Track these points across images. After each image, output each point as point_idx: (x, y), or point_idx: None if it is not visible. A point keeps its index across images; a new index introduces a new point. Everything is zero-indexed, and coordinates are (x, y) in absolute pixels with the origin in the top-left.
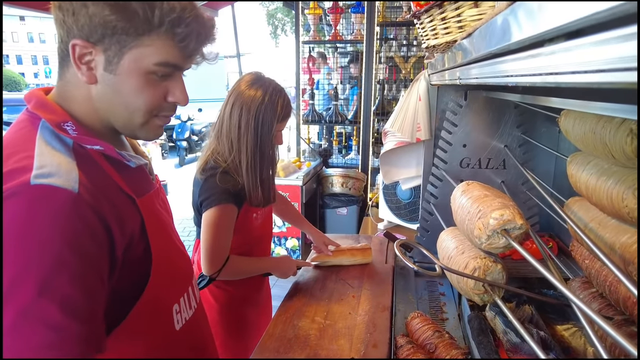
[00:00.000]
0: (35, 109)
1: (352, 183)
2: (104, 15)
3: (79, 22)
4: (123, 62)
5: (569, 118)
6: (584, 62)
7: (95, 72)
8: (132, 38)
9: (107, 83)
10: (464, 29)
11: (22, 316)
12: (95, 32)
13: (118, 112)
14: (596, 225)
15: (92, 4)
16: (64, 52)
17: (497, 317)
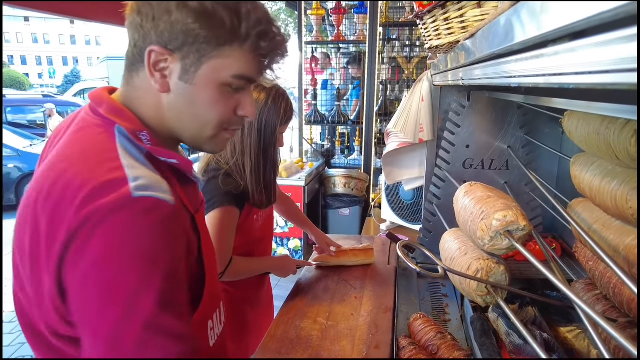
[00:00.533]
0: (110, 114)
1: (355, 184)
2: (187, 23)
3: (158, 28)
4: (200, 72)
5: (573, 119)
6: (588, 63)
7: (169, 81)
8: (213, 48)
9: (181, 92)
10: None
11: (148, 329)
12: (176, 39)
13: (188, 123)
14: (600, 226)
15: (176, 10)
16: (136, 57)
17: (500, 318)
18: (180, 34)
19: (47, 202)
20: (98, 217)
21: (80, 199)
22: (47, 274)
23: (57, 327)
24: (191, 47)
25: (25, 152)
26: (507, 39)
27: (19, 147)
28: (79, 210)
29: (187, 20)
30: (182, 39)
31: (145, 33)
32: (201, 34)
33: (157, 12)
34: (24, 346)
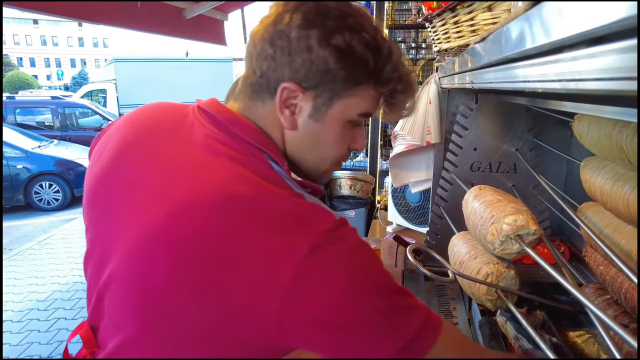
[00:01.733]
0: (260, 144)
1: (361, 185)
2: (329, 62)
3: (294, 64)
4: (330, 111)
5: (583, 122)
6: (609, 69)
7: (298, 118)
8: (348, 87)
9: (308, 130)
10: (477, 33)
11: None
12: (313, 78)
13: (309, 158)
14: (611, 231)
15: (318, 48)
16: (262, 87)
17: (509, 322)
18: (319, 73)
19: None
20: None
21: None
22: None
23: None
24: (326, 86)
25: (33, 153)
26: (521, 43)
27: (27, 148)
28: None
29: (329, 60)
30: (320, 78)
31: (277, 65)
32: (340, 74)
33: (295, 47)
34: (32, 345)
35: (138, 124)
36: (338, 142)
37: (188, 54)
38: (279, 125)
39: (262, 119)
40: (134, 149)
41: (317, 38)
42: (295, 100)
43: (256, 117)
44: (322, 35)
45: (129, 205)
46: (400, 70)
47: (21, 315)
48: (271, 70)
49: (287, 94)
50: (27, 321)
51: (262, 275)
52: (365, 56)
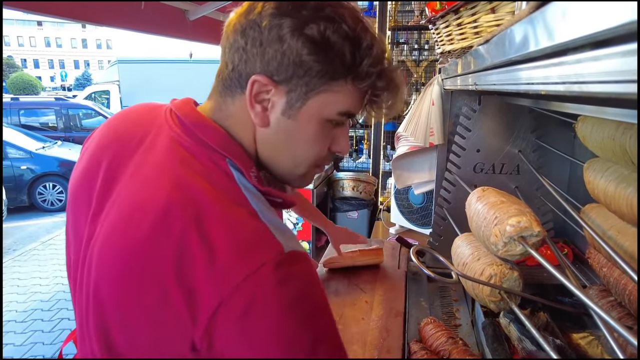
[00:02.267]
0: (221, 148)
1: (363, 187)
2: (302, 54)
3: (265, 55)
4: (305, 107)
5: (587, 124)
6: (613, 72)
7: (270, 114)
8: (324, 82)
9: (281, 128)
10: (481, 35)
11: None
12: (285, 71)
13: (283, 160)
14: (615, 232)
15: (290, 38)
16: (233, 81)
17: (512, 324)
18: (291, 65)
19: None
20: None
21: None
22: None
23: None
24: (300, 80)
25: (37, 153)
26: (525, 45)
27: (31, 149)
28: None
29: (302, 51)
30: (292, 70)
31: (247, 58)
32: (314, 67)
33: (266, 37)
34: (35, 346)
35: (117, 127)
36: (315, 142)
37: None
38: (251, 124)
39: (231, 117)
40: (107, 153)
41: (289, 27)
42: (267, 95)
43: (225, 115)
44: (294, 24)
45: (99, 210)
46: (381, 65)
47: (25, 315)
48: (242, 62)
49: (258, 88)
50: (31, 321)
51: (185, 304)
52: (342, 48)
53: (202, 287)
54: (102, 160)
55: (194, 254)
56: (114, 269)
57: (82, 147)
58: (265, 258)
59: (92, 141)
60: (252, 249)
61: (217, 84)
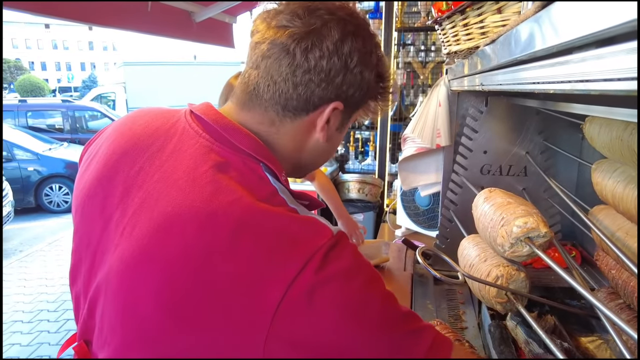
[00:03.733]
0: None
1: (369, 189)
2: (371, 82)
3: (345, 84)
4: (349, 122)
5: (594, 125)
6: (617, 70)
7: (330, 130)
8: (366, 101)
9: (332, 138)
10: (487, 35)
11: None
12: (355, 96)
13: (319, 162)
14: (623, 234)
15: (368, 72)
16: (299, 103)
17: (519, 326)
18: (362, 92)
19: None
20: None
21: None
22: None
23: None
24: (358, 103)
25: (44, 155)
26: (530, 45)
27: (38, 151)
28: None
29: (373, 83)
30: (361, 97)
31: (328, 85)
32: (371, 93)
33: (350, 71)
34: (42, 346)
35: (128, 133)
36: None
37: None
38: (300, 138)
39: (281, 133)
40: (124, 160)
41: (370, 66)
42: (331, 116)
43: (273, 129)
44: (374, 63)
45: (118, 217)
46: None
47: (31, 316)
48: (320, 88)
49: (332, 113)
50: (37, 322)
51: (249, 300)
52: (387, 77)
53: (264, 282)
54: (120, 167)
55: (247, 252)
56: (158, 279)
57: (83, 152)
58: (320, 243)
59: (101, 148)
60: (304, 239)
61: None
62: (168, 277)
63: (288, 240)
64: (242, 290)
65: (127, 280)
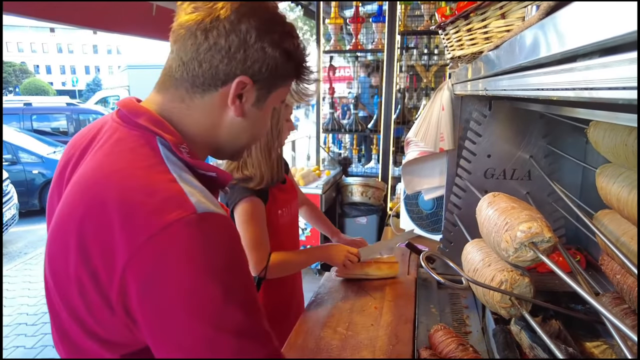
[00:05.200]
0: (150, 124)
1: (372, 192)
2: (278, 61)
3: (248, 60)
4: (268, 100)
5: (599, 129)
6: (622, 79)
7: (245, 106)
8: (283, 80)
9: (250, 116)
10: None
11: (241, 337)
12: (262, 72)
13: (243, 140)
14: (628, 239)
15: (271, 49)
16: (206, 79)
17: (523, 331)
18: (269, 69)
19: (98, 224)
20: (170, 235)
21: (144, 216)
22: (100, 294)
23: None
24: (270, 80)
25: (49, 158)
26: (535, 51)
27: (43, 154)
28: (144, 228)
29: (280, 59)
30: (269, 73)
31: (230, 60)
32: (285, 71)
33: (251, 45)
34: (46, 349)
35: (73, 140)
36: (266, 126)
37: None
38: (214, 114)
39: (193, 107)
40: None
41: (271, 42)
42: (242, 91)
43: (184, 105)
44: (274, 40)
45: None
46: (308, 62)
47: (35, 318)
48: (223, 63)
49: (240, 87)
50: (42, 324)
51: (101, 262)
52: (300, 56)
53: (117, 247)
54: (67, 167)
55: (112, 217)
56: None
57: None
58: (175, 217)
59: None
60: (163, 209)
61: (177, 79)
62: (51, 237)
63: (150, 208)
64: (100, 252)
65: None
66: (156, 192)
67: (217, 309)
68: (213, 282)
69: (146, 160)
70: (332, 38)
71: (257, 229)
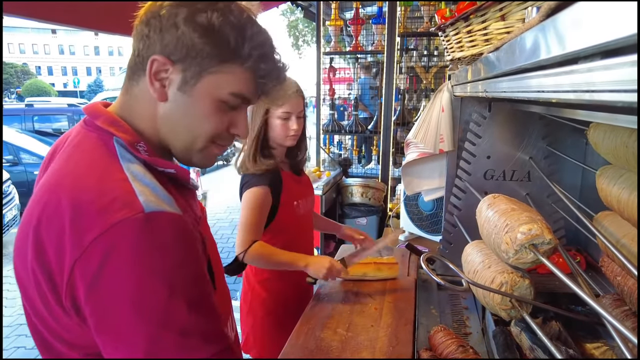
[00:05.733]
0: (107, 125)
1: (372, 193)
2: (193, 37)
3: (164, 40)
4: (199, 85)
5: (599, 131)
6: (624, 81)
7: (168, 90)
8: (215, 63)
9: (178, 102)
10: (491, 42)
11: (185, 335)
12: (179, 51)
13: (181, 134)
14: (629, 240)
15: (183, 24)
16: (137, 66)
17: (523, 332)
18: (185, 47)
19: (52, 223)
20: (115, 234)
21: (92, 215)
22: (54, 293)
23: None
24: (193, 61)
25: None
26: (535, 54)
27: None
28: (91, 228)
29: (193, 35)
30: (186, 51)
31: (150, 43)
32: (205, 49)
33: (165, 24)
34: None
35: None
36: (209, 118)
37: None
38: (151, 102)
39: (135, 98)
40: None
41: (183, 15)
42: (165, 74)
43: (130, 97)
44: (188, 13)
45: None
46: (263, 49)
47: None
48: (145, 48)
49: (157, 67)
50: None
51: (54, 261)
52: (227, 33)
53: (67, 246)
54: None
55: (64, 217)
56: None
57: None
58: (122, 216)
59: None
60: (110, 209)
61: (127, 71)
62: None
63: (97, 208)
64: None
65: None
66: (106, 192)
67: (161, 307)
68: (158, 281)
69: (101, 160)
70: (332, 40)
71: (254, 215)
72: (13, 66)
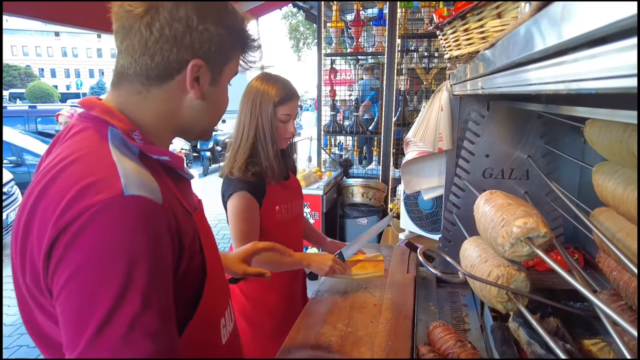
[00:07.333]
0: (102, 114)
1: (373, 193)
2: (223, 37)
3: (196, 43)
4: (222, 77)
5: (594, 127)
6: (608, 69)
7: (203, 88)
8: (231, 54)
9: (209, 96)
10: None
11: (132, 329)
12: (211, 52)
13: (205, 120)
14: (624, 235)
15: (213, 26)
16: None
17: (521, 328)
18: (217, 47)
19: (38, 205)
20: (86, 215)
21: (69, 197)
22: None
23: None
24: (220, 57)
25: None
26: (527, 47)
27: None
28: (67, 208)
29: (224, 35)
30: (216, 50)
31: (180, 46)
32: (230, 45)
33: (195, 30)
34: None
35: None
36: (226, 101)
37: None
38: (169, 101)
39: (150, 99)
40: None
41: (213, 21)
42: (198, 74)
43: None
44: (216, 17)
45: None
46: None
47: None
48: (173, 53)
49: (197, 70)
50: None
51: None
52: (242, 29)
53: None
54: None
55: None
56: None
57: None
58: (99, 198)
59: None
60: (90, 192)
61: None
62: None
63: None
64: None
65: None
66: (89, 175)
67: (112, 293)
68: (118, 267)
69: (92, 146)
70: (333, 41)
71: (243, 224)
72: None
